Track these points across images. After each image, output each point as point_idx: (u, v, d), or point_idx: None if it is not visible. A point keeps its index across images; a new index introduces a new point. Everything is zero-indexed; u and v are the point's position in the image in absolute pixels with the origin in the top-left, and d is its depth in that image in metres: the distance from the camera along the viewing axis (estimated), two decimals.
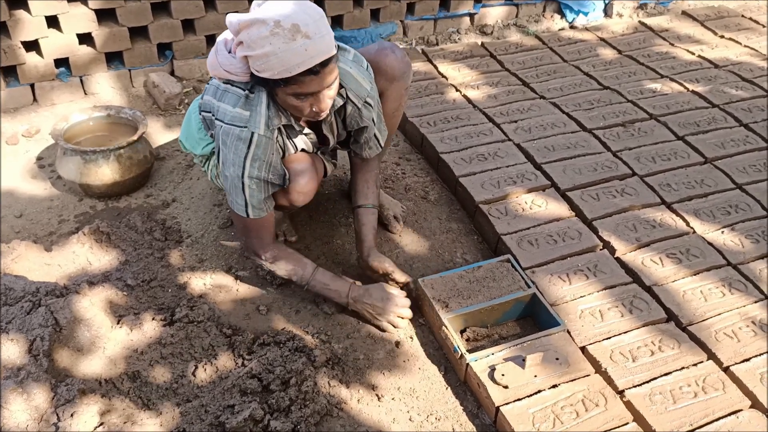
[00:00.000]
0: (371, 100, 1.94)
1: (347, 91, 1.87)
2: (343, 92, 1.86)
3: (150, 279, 2.06)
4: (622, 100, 2.89)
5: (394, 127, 2.19)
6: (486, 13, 3.65)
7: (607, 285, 2.01)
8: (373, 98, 1.95)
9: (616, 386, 1.74)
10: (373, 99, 1.95)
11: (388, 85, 2.04)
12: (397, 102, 2.11)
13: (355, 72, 1.87)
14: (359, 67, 1.89)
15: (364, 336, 1.96)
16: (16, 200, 2.42)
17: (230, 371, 1.80)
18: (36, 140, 2.72)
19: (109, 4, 2.77)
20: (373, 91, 1.95)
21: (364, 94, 1.90)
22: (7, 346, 1.69)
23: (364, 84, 1.89)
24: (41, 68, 2.82)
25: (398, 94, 2.09)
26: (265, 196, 1.82)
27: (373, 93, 1.95)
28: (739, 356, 1.81)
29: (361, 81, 1.88)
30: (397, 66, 2.03)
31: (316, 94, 1.66)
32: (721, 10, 3.73)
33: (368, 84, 1.91)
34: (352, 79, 1.87)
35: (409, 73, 2.09)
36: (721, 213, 2.29)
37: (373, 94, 1.94)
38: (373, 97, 1.95)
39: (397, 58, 2.03)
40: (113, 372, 1.77)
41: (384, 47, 2.05)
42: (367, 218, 2.08)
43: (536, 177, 2.42)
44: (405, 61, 2.06)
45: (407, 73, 2.08)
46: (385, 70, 2.02)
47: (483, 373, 1.75)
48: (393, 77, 2.04)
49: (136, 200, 2.44)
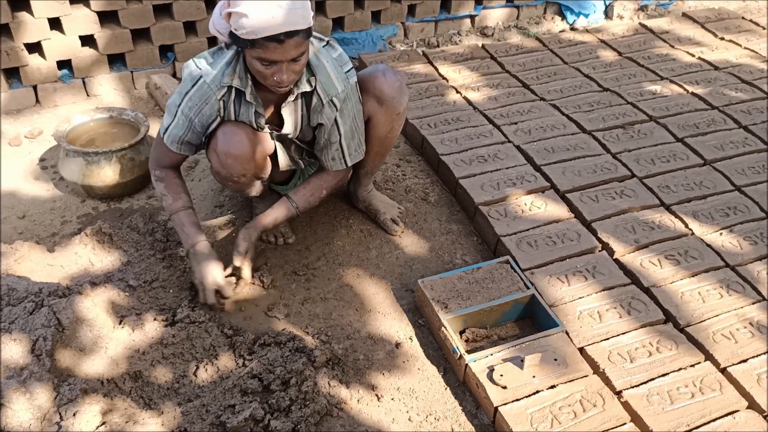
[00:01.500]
0: (337, 102, 1.90)
1: (317, 82, 1.87)
2: (312, 81, 1.87)
3: (152, 280, 2.07)
4: (621, 102, 2.90)
5: (383, 154, 2.19)
6: (487, 15, 3.66)
7: (606, 286, 2.02)
8: (343, 104, 1.91)
9: (614, 387, 1.75)
10: (341, 103, 1.90)
11: (377, 107, 2.03)
12: (387, 127, 2.08)
13: (330, 68, 1.87)
14: (337, 67, 1.89)
15: (364, 337, 1.97)
16: (19, 201, 2.44)
17: (231, 371, 1.81)
18: (39, 142, 2.74)
19: (111, 5, 2.79)
20: (345, 96, 1.91)
21: (333, 92, 1.88)
22: (10, 346, 1.70)
23: (336, 83, 1.88)
24: (44, 70, 2.84)
25: (388, 119, 2.06)
26: (183, 135, 1.91)
27: (344, 98, 1.91)
28: (737, 357, 1.82)
29: (333, 78, 1.88)
30: (387, 89, 2.01)
31: (279, 64, 1.70)
32: (721, 12, 3.74)
33: (340, 85, 1.89)
34: (325, 73, 1.87)
35: (400, 98, 2.05)
36: (720, 215, 2.30)
37: (342, 98, 1.90)
38: (344, 103, 1.91)
39: (387, 81, 2.01)
40: (115, 372, 1.78)
41: (377, 69, 2.05)
42: (279, 205, 2.04)
43: (536, 178, 2.43)
44: (396, 86, 2.03)
45: (398, 98, 2.04)
46: (374, 92, 2.02)
47: (482, 373, 1.77)
48: (382, 100, 2.02)
49: (138, 201, 2.46)
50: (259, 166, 1.97)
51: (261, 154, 1.95)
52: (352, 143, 2.01)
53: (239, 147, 1.87)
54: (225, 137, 1.88)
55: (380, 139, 2.11)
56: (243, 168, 1.92)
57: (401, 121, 2.13)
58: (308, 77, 1.86)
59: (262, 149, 1.95)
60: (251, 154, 1.91)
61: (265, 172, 2.05)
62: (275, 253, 2.23)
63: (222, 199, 2.45)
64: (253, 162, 1.93)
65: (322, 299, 2.09)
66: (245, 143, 1.88)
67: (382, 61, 3.16)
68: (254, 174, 1.99)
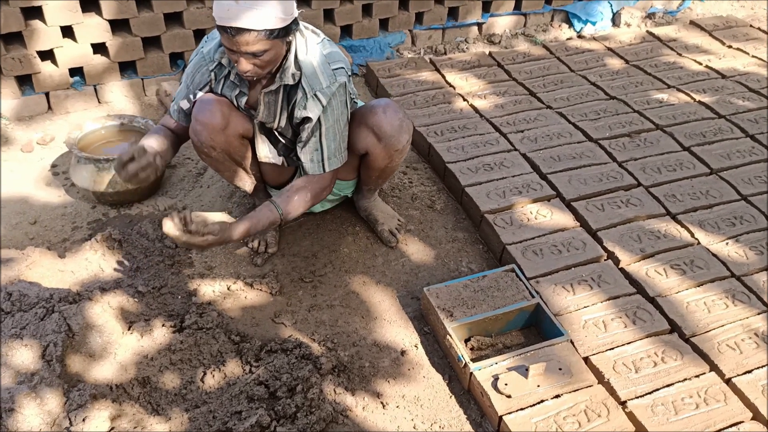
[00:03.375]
0: (322, 97, 1.87)
1: (301, 76, 1.89)
2: (297, 75, 1.88)
3: (160, 286, 2.10)
4: (628, 111, 2.90)
5: (385, 178, 2.21)
6: (494, 23, 3.68)
7: (611, 295, 2.03)
8: (327, 100, 1.87)
9: (619, 397, 1.75)
10: (326, 98, 1.87)
11: (375, 142, 2.04)
12: (385, 161, 2.09)
13: (317, 64, 1.89)
14: (325, 63, 1.90)
15: (369, 344, 1.99)
16: (30, 207, 2.47)
17: (238, 378, 1.83)
18: (50, 148, 2.77)
19: (122, 14, 2.83)
20: (330, 93, 1.87)
21: (317, 86, 1.88)
22: (21, 352, 1.73)
23: (321, 78, 1.88)
24: (56, 77, 2.88)
25: (386, 154, 2.07)
26: (179, 101, 2.05)
27: (330, 94, 1.87)
28: (742, 368, 1.82)
29: (319, 73, 1.88)
30: (386, 127, 2.01)
31: (236, 54, 1.76)
32: (729, 20, 3.74)
33: (326, 81, 1.88)
34: (311, 68, 1.88)
35: (399, 137, 2.04)
36: (726, 224, 2.30)
37: (327, 93, 1.87)
38: (327, 100, 1.87)
39: (387, 118, 2.01)
40: (124, 377, 1.80)
41: (378, 104, 2.05)
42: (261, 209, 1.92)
43: (542, 187, 2.44)
44: (396, 125, 2.02)
45: (396, 137, 2.03)
46: (372, 127, 2.02)
47: (486, 382, 1.78)
48: (380, 136, 2.03)
49: (147, 208, 2.49)
50: (230, 142, 2.00)
51: (233, 130, 1.99)
52: (332, 144, 1.95)
53: (209, 116, 1.94)
54: (200, 104, 1.96)
55: (379, 170, 2.14)
56: (210, 138, 1.97)
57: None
58: (294, 71, 1.88)
59: (235, 126, 1.99)
60: (220, 126, 1.96)
61: (239, 153, 2.06)
62: (282, 260, 2.25)
63: (230, 207, 2.48)
64: (222, 135, 1.97)
65: (329, 306, 2.10)
66: (216, 114, 1.94)
67: (389, 68, 3.19)
68: (224, 149, 2.01)
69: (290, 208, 1.96)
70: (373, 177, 2.19)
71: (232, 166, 2.11)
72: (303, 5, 3.20)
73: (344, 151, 2.02)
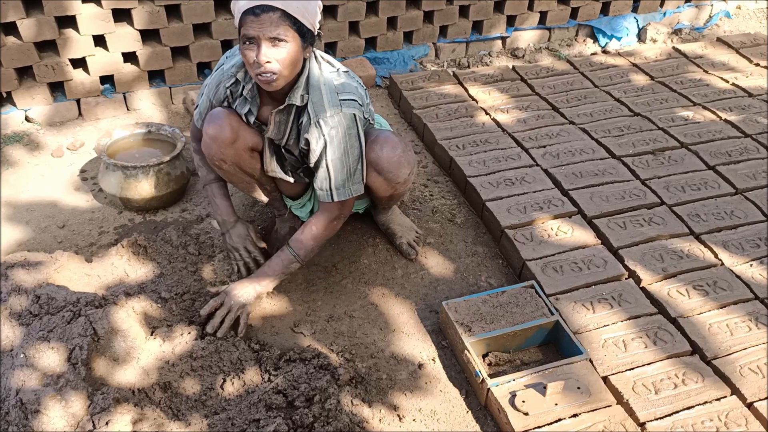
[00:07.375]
0: (324, 126, 1.88)
1: (308, 100, 1.90)
2: (305, 98, 1.90)
3: (183, 292, 2.13)
4: (652, 128, 2.89)
5: (396, 201, 2.23)
6: (518, 37, 3.69)
7: (632, 315, 2.02)
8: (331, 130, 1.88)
9: (638, 418, 1.74)
10: (328, 128, 1.88)
11: (376, 176, 2.04)
12: (386, 193, 2.11)
13: (325, 91, 1.89)
14: (333, 92, 1.89)
15: (387, 356, 2.00)
16: (59, 211, 2.53)
17: (257, 386, 1.85)
18: (80, 153, 2.84)
19: (153, 24, 2.89)
20: (333, 123, 1.87)
21: (321, 114, 1.88)
22: (48, 354, 1.77)
23: (326, 106, 1.88)
24: (87, 85, 2.95)
25: (387, 187, 2.08)
26: (203, 113, 2.09)
27: (333, 124, 1.88)
28: (764, 392, 1.79)
29: (325, 101, 1.88)
30: (383, 163, 2.00)
31: (257, 42, 1.75)
32: (756, 38, 3.70)
33: (330, 110, 1.88)
34: (318, 94, 1.89)
35: (397, 172, 2.03)
36: (751, 245, 2.27)
37: (330, 123, 1.87)
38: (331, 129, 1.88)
39: (384, 155, 2.00)
40: (146, 382, 1.84)
41: (380, 137, 2.02)
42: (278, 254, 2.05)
43: (563, 203, 2.44)
44: (394, 161, 2.01)
45: (395, 172, 2.03)
46: (371, 161, 2.01)
47: (504, 398, 1.78)
48: (379, 171, 2.03)
49: (172, 214, 2.53)
50: (239, 155, 2.03)
51: (243, 144, 2.02)
52: (339, 176, 1.93)
53: (218, 129, 1.98)
54: (209, 118, 2.00)
55: (385, 199, 2.18)
56: (220, 151, 2.00)
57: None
58: (302, 93, 1.90)
59: (244, 140, 2.02)
60: (230, 140, 1.99)
61: (249, 166, 2.08)
62: (302, 270, 2.27)
63: (252, 215, 2.51)
64: (232, 149, 2.00)
65: (348, 317, 2.12)
66: (226, 128, 1.98)
67: (412, 81, 3.21)
68: (234, 162, 2.04)
69: (305, 254, 2.05)
70: (381, 202, 2.23)
71: (245, 178, 2.15)
72: (329, 17, 3.24)
73: (356, 184, 1.98)
